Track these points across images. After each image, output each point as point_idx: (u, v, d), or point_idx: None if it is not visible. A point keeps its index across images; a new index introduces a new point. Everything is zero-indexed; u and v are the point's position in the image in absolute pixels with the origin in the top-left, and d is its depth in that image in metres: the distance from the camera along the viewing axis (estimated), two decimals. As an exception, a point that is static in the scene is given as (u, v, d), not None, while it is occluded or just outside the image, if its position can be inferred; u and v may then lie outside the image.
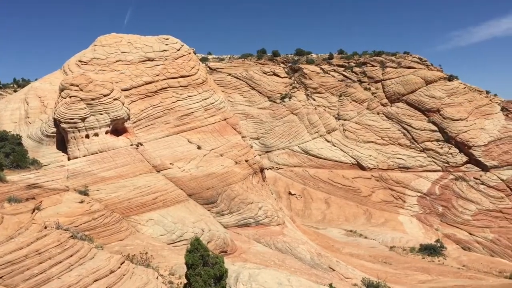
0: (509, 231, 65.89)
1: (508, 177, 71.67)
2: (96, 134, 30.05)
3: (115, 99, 31.14)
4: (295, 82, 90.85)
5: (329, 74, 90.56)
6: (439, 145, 77.84)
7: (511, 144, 74.51)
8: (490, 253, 62.04)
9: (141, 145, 32.78)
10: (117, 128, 31.82)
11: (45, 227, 14.93)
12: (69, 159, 29.37)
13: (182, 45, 45.18)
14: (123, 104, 31.74)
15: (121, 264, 14.10)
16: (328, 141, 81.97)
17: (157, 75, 40.21)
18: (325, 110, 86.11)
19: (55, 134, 30.98)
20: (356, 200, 72.03)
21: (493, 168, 73.25)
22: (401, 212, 70.66)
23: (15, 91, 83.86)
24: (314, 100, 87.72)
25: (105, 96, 30.63)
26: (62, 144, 30.62)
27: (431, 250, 50.10)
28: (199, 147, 37.66)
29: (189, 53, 45.17)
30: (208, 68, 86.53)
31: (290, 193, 72.40)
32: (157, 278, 14.12)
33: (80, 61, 38.89)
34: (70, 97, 29.73)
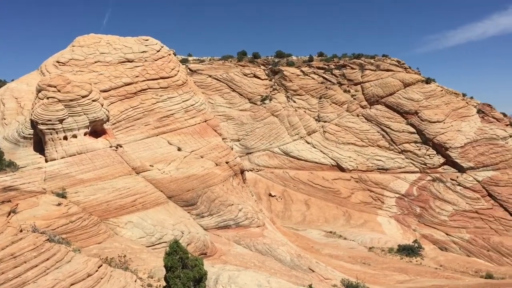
0: (484, 231, 67.24)
1: (483, 178, 73.15)
2: (75, 136, 29.68)
3: (93, 100, 30.81)
4: (276, 84, 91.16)
5: (309, 76, 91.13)
6: (417, 146, 79.04)
7: (486, 146, 76.04)
8: (466, 253, 63.21)
9: (121, 146, 32.50)
10: (96, 130, 31.50)
11: (21, 231, 14.68)
12: (46, 161, 28.94)
13: (162, 46, 44.91)
14: (102, 106, 31.42)
15: (98, 267, 13.96)
16: (308, 143, 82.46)
17: (137, 77, 39.88)
18: (305, 112, 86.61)
19: (32, 136, 30.49)
20: (335, 201, 72.61)
21: (469, 169, 74.68)
22: (380, 213, 71.50)
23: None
24: (295, 102, 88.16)
25: (83, 97, 30.28)
26: (39, 146, 30.16)
27: (409, 251, 50.82)
28: (179, 149, 37.49)
29: (169, 55, 44.93)
30: (188, 70, 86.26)
31: (270, 195, 72.59)
32: (135, 281, 14.01)
33: (57, 61, 38.33)
34: (48, 98, 29.31)
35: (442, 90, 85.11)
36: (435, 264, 48.06)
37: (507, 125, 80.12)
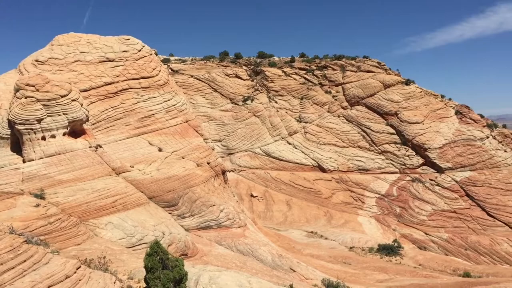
0: (462, 230, 68.41)
1: (461, 178, 74.42)
2: (53, 136, 29.27)
3: (73, 100, 30.44)
4: (257, 85, 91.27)
5: (291, 77, 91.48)
6: (397, 147, 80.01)
7: (464, 146, 77.37)
8: (444, 252, 64.24)
9: (100, 147, 32.18)
10: (75, 130, 31.12)
11: (-2, 232, 14.43)
12: (24, 161, 28.49)
13: (143, 46, 44.61)
14: (81, 105, 31.07)
15: (77, 269, 13.81)
16: (289, 144, 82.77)
17: (118, 76, 39.54)
18: (287, 112, 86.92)
19: (9, 136, 29.96)
20: (317, 201, 73.03)
21: (448, 170, 75.90)
22: (360, 213, 72.18)
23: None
24: (276, 102, 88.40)
25: (62, 97, 29.89)
26: (17, 146, 29.66)
27: (389, 250, 51.40)
28: (160, 149, 37.28)
29: (151, 54, 44.65)
30: (170, 70, 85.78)
31: (252, 195, 72.64)
32: (114, 282, 13.90)
33: (36, 60, 37.76)
34: (26, 97, 28.85)
35: (421, 92, 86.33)
36: (414, 263, 48.70)
37: (484, 126, 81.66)
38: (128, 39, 44.12)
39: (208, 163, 39.41)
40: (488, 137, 78.93)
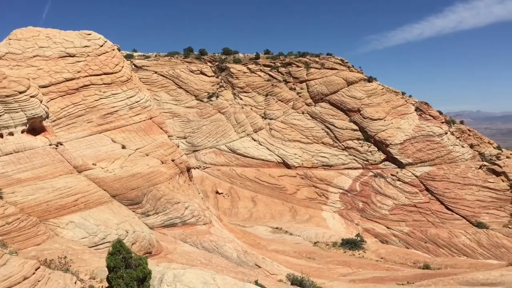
0: (422, 224, 70.53)
1: (421, 173, 76.62)
2: (11, 134, 28.35)
3: (32, 96, 29.54)
4: (222, 81, 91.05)
5: (255, 73, 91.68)
6: (360, 143, 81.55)
7: (424, 142, 79.64)
8: (405, 245, 66.08)
9: (61, 144, 31.39)
10: (35, 127, 30.23)
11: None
12: (-20, 160, 27.45)
13: (105, 41, 43.69)
14: (41, 102, 30.20)
15: (36, 270, 13.47)
16: (254, 140, 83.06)
17: (79, 72, 38.63)
18: (251, 109, 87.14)
19: (-37, 133, 28.81)
20: (282, 198, 73.66)
21: (408, 165, 77.97)
22: (325, 209, 73.27)
23: None
24: (241, 99, 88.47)
25: (20, 93, 28.96)
26: (-28, 144, 28.53)
27: (352, 244, 52.48)
28: (123, 147, 36.72)
29: (113, 50, 43.80)
30: (133, 66, 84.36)
31: (217, 192, 72.55)
32: (75, 282, 13.66)
33: (-8, 55, 36.39)
34: (-19, 93, 27.79)
35: (383, 89, 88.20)
36: (376, 256, 49.89)
37: (442, 122, 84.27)
38: (89, 34, 43.11)
39: (172, 160, 39.12)
40: (446, 133, 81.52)
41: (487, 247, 64.33)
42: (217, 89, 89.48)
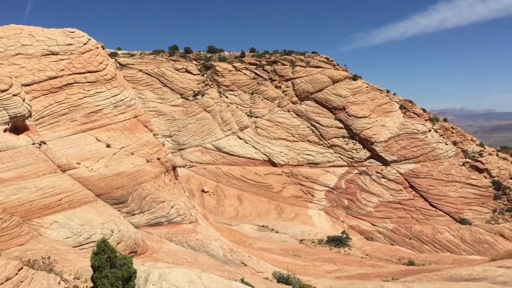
0: (406, 221, 71.32)
1: (405, 170, 77.45)
2: (-7, 133, 27.93)
3: (14, 95, 29.14)
4: (208, 80, 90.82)
5: (241, 72, 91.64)
6: (345, 141, 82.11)
7: (408, 140, 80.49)
8: (390, 242, 66.74)
9: (45, 143, 31.02)
10: (17, 126, 29.82)
11: None
12: (-39, 159, 27.02)
13: (89, 39, 43.24)
14: (23, 100, 29.80)
15: (19, 270, 13.33)
16: (240, 138, 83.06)
17: (62, 70, 38.18)
18: (237, 107, 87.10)
19: None
20: (268, 196, 73.83)
21: (393, 162, 78.74)
22: (310, 206, 73.65)
23: None
24: (227, 97, 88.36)
25: (2, 91, 28.55)
26: (-48, 143, 28.07)
27: (338, 242, 52.81)
28: (108, 146, 36.42)
29: (97, 48, 43.38)
30: (117, 64, 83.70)
31: (203, 191, 72.42)
32: (59, 283, 13.55)
33: (-27, 53, 35.81)
34: (-38, 92, 27.36)
35: (367, 87, 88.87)
36: (361, 253, 50.28)
37: (426, 120, 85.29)
38: (73, 32, 42.63)
39: (158, 159, 38.93)
40: (430, 131, 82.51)
41: (470, 243, 65.28)
42: (202, 87, 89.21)
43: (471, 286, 18.89)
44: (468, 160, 79.67)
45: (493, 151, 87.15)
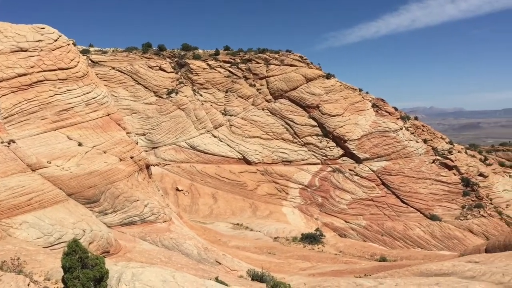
0: (379, 217, 72.50)
1: (378, 168, 78.69)
2: (-41, 131, 27.17)
3: (-19, 93, 28.41)
4: (182, 78, 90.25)
5: (215, 70, 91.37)
6: (319, 139, 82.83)
7: (380, 138, 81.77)
8: (363, 239, 67.76)
9: (14, 142, 30.33)
10: (-16, 124, 29.09)
11: None
12: None
13: (59, 36, 42.38)
14: (-9, 98, 29.07)
15: (-12, 272, 13.06)
16: (215, 137, 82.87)
17: (32, 67, 37.35)
18: (212, 105, 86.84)
19: None
20: (242, 194, 73.91)
21: (365, 160, 79.88)
22: (285, 204, 74.08)
23: None
24: (201, 95, 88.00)
25: (-31, 89, 27.80)
26: None
27: (312, 239, 53.28)
28: (80, 144, 35.84)
29: (68, 45, 42.58)
30: (89, 61, 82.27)
31: (177, 189, 72.00)
32: (28, 284, 13.30)
33: None
34: None
35: (341, 85, 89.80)
36: (335, 250, 50.89)
37: (398, 118, 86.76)
38: (43, 28, 41.72)
39: (131, 158, 38.54)
40: (401, 129, 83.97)
41: (440, 238, 66.86)
42: (176, 85, 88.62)
43: (441, 281, 19.34)
44: (438, 157, 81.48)
45: (462, 148, 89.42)
